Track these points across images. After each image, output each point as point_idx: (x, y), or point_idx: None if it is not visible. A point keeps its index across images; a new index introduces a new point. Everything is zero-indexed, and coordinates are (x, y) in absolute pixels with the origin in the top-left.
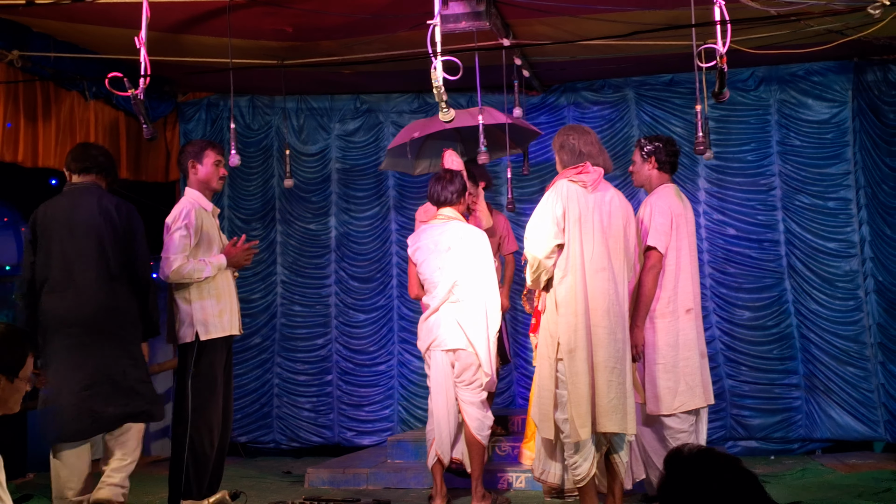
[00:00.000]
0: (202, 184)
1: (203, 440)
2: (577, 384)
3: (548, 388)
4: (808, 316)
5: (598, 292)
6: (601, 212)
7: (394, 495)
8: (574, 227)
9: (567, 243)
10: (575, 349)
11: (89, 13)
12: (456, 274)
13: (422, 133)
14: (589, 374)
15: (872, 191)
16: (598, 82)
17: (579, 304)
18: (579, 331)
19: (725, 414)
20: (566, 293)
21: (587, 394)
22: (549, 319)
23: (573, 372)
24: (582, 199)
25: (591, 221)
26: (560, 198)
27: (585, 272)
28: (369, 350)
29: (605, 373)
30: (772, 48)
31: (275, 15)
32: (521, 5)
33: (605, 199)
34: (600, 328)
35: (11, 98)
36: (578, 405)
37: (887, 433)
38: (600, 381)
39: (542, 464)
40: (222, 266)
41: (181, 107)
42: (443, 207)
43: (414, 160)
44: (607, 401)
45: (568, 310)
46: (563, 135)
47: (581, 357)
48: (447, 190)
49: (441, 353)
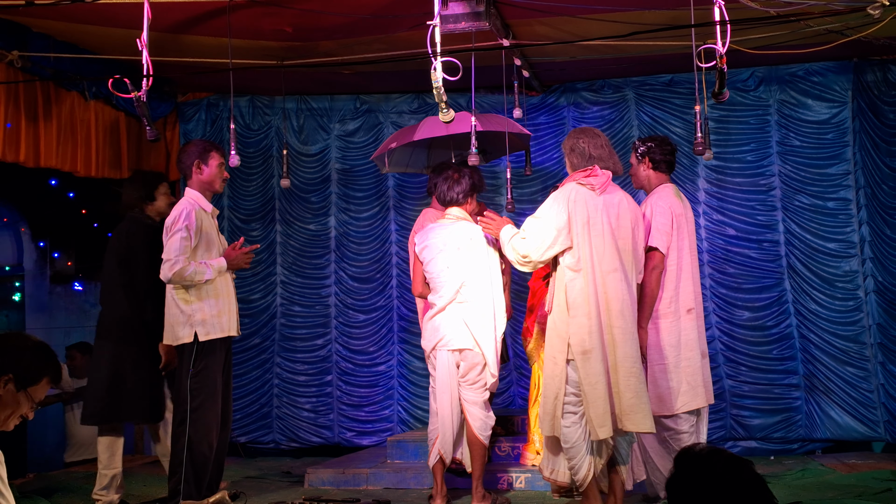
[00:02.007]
0: (204, 185)
1: (202, 440)
2: (595, 385)
3: (553, 389)
4: (807, 316)
5: (612, 293)
6: (609, 214)
7: (394, 495)
8: (583, 230)
9: (576, 246)
10: (590, 350)
11: (89, 13)
12: (464, 274)
13: (409, 139)
14: (605, 374)
15: (872, 191)
16: (597, 82)
17: (592, 305)
18: (593, 332)
19: (725, 414)
20: (578, 295)
21: (605, 394)
22: (559, 320)
23: (589, 373)
24: (590, 201)
25: (600, 223)
26: (567, 202)
27: (596, 274)
28: (369, 350)
29: (624, 372)
30: (772, 48)
31: (275, 15)
32: (521, 5)
33: (614, 201)
34: (616, 328)
35: (12, 98)
36: (596, 406)
37: (887, 433)
38: (620, 381)
39: (551, 463)
40: (223, 269)
41: (181, 107)
42: (450, 207)
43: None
44: (628, 400)
45: (580, 311)
46: (574, 138)
47: (597, 358)
48: (453, 190)
49: (447, 353)
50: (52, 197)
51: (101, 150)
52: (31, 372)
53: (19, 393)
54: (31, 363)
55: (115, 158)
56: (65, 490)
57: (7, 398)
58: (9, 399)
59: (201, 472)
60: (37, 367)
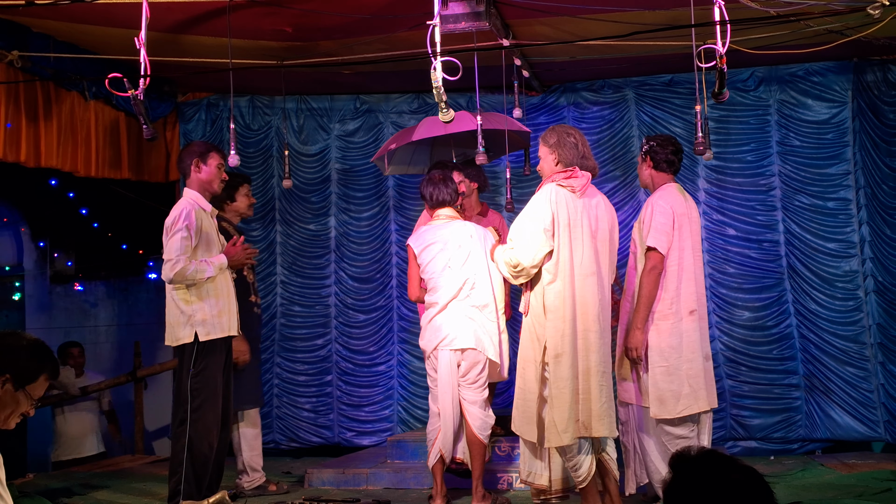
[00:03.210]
0: (203, 185)
1: (202, 441)
2: (562, 389)
3: (532, 391)
4: (807, 316)
5: (588, 297)
6: (589, 217)
7: (394, 495)
8: (564, 232)
9: (557, 248)
10: (561, 354)
11: (89, 13)
12: (466, 272)
13: (417, 137)
14: (574, 379)
15: (872, 191)
16: (597, 82)
17: (567, 309)
18: (566, 336)
19: (725, 414)
20: (555, 298)
21: (570, 399)
22: (536, 322)
23: (558, 377)
24: (571, 203)
25: (580, 226)
26: (549, 203)
27: (575, 277)
28: (369, 350)
29: (597, 377)
30: (772, 48)
31: (275, 15)
32: (521, 5)
33: (592, 203)
34: (591, 332)
35: (12, 98)
36: (561, 410)
37: (887, 433)
38: (593, 385)
39: (528, 466)
40: (223, 266)
41: (181, 107)
42: (441, 208)
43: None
44: (599, 405)
45: (556, 314)
46: (559, 133)
47: (566, 363)
48: (442, 192)
49: (449, 353)
50: (52, 197)
51: (101, 150)
52: (28, 370)
53: (18, 392)
54: (28, 361)
55: (115, 158)
56: (65, 490)
57: (6, 398)
58: (8, 399)
59: (201, 472)
60: (34, 365)
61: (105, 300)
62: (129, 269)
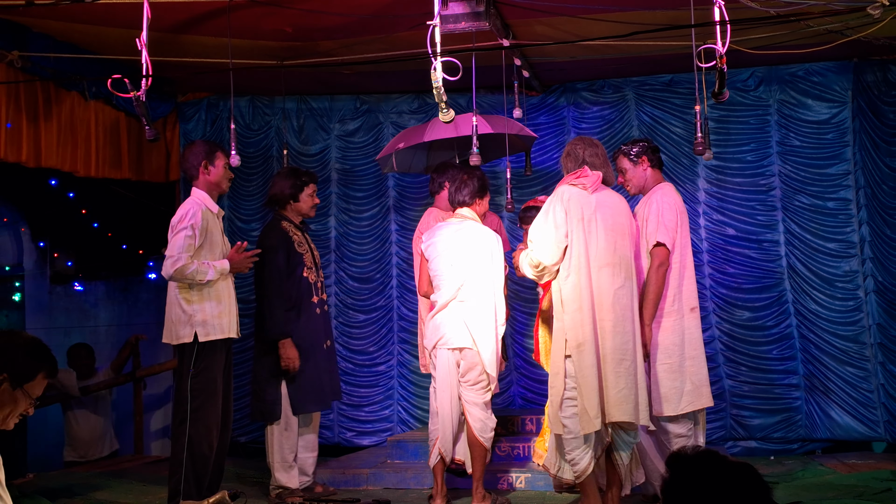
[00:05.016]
0: (212, 185)
1: (202, 441)
2: (587, 377)
3: (556, 386)
4: (807, 316)
5: (603, 287)
6: (604, 211)
7: (394, 495)
8: (577, 227)
9: (570, 243)
10: (583, 343)
11: (89, 13)
12: (466, 273)
13: (419, 140)
14: (597, 367)
15: (872, 191)
16: (597, 82)
17: (584, 300)
18: (585, 326)
19: (725, 414)
20: (571, 291)
21: (596, 386)
22: (557, 318)
23: (582, 366)
24: (583, 199)
25: (594, 220)
26: (561, 202)
27: (590, 269)
28: (369, 350)
29: (612, 364)
30: (772, 48)
31: (275, 15)
32: (521, 5)
33: (607, 199)
34: (606, 321)
35: (12, 98)
36: (590, 397)
37: (887, 433)
38: (608, 372)
39: (559, 460)
40: (225, 271)
41: (181, 107)
42: (459, 208)
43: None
44: (616, 391)
45: (573, 307)
46: (572, 144)
47: (589, 351)
48: (462, 192)
49: (447, 352)
50: (52, 197)
51: (102, 150)
52: (25, 369)
53: (16, 391)
54: (25, 360)
55: (116, 158)
56: (65, 490)
57: (4, 397)
58: (6, 398)
59: (201, 473)
60: (31, 364)
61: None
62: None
